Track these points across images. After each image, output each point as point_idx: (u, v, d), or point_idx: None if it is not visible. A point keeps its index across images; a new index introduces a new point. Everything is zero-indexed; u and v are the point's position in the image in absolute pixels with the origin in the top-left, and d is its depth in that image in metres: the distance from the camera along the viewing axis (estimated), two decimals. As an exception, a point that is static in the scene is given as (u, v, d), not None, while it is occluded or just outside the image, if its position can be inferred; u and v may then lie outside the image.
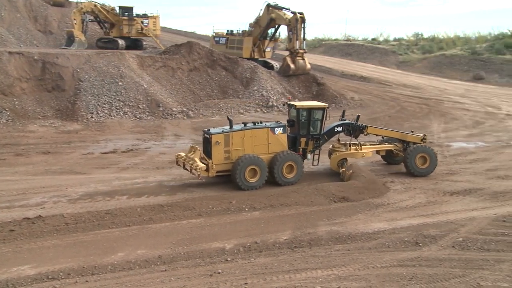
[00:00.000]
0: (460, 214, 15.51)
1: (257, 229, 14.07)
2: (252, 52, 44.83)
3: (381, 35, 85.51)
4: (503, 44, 65.22)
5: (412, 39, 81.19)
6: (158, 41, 51.14)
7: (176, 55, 38.26)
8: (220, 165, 17.96)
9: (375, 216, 15.23)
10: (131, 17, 48.70)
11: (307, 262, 11.87)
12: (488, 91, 48.83)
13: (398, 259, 12.12)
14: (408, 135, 21.03)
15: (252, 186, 17.77)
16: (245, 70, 39.33)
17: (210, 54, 39.39)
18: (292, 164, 18.42)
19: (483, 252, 12.59)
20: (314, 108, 19.64)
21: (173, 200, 16.32)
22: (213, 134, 17.87)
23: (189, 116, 32.59)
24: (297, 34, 40.35)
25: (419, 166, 19.88)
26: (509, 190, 18.11)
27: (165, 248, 12.71)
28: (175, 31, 79.96)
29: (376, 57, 72.77)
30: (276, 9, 42.24)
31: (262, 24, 43.76)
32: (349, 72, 55.31)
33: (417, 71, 63.64)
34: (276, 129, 18.61)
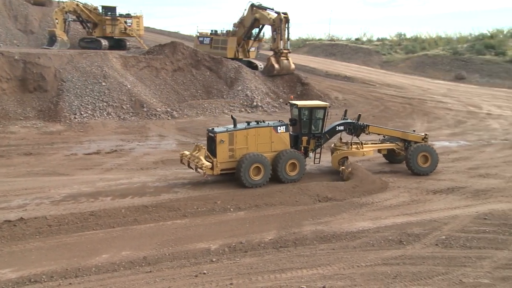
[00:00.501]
0: (443, 212, 15.69)
1: (242, 229, 14.06)
2: (236, 52, 44.79)
3: (365, 35, 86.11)
4: (483, 44, 66.21)
5: (395, 39, 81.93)
6: (142, 41, 50.82)
7: (160, 55, 38.05)
8: (225, 163, 18.18)
9: (360, 215, 15.33)
10: (114, 17, 48.30)
11: (293, 262, 11.90)
12: (469, 91, 49.48)
13: (383, 257, 12.21)
14: (410, 134, 21.32)
15: (257, 184, 17.99)
16: (230, 70, 39.28)
17: (194, 54, 39.26)
18: (295, 162, 18.71)
19: (465, 250, 12.75)
20: (315, 107, 19.95)
21: (157, 201, 16.22)
22: (217, 133, 18.09)
23: (174, 117, 32.44)
24: (281, 34, 40.41)
25: (421, 165, 20.15)
26: (490, 188, 18.38)
27: (150, 249, 12.64)
28: (159, 31, 79.54)
29: (359, 57, 73.26)
30: (260, 9, 42.25)
31: (246, 24, 43.75)
32: (333, 72, 55.59)
33: (401, 71, 64.24)
34: (279, 127, 18.89)
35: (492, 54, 63.87)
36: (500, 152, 24.32)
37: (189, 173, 19.88)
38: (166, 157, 22.53)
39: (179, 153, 20.00)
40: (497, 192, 17.94)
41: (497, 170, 21.09)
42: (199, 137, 27.05)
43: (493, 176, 20.17)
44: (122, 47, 49.09)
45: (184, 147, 24.64)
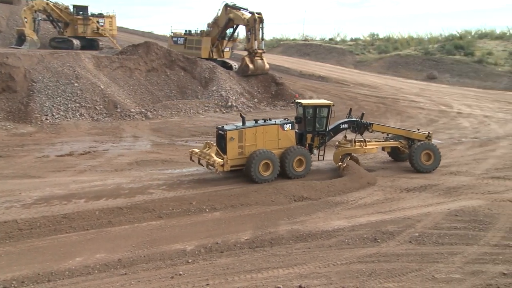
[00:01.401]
0: (416, 210, 15.96)
1: (218, 230, 14.03)
2: (210, 52, 44.66)
3: (338, 35, 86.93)
4: (453, 45, 67.65)
5: (368, 39, 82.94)
6: (115, 41, 50.24)
7: (134, 56, 37.66)
8: (234, 160, 18.69)
9: (335, 214, 15.46)
10: (86, 17, 47.63)
11: (269, 261, 11.93)
12: (440, 90, 50.46)
13: (358, 255, 12.34)
14: (413, 133, 21.80)
15: (266, 180, 18.51)
16: (204, 70, 39.13)
17: (168, 55, 38.97)
18: (301, 159, 19.35)
19: (437, 246, 13.00)
20: (319, 106, 20.51)
21: (132, 203, 16.05)
22: (228, 131, 18.61)
23: (148, 117, 32.15)
24: (255, 34, 40.46)
25: (424, 162, 20.61)
26: (461, 185, 18.79)
27: (125, 251, 12.50)
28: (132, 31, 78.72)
29: (333, 57, 73.90)
30: (234, 9, 42.22)
31: (220, 24, 43.67)
32: (307, 71, 55.95)
33: (374, 71, 65.07)
34: (285, 125, 19.56)
35: (462, 54, 65.30)
36: (470, 150, 24.86)
37: (164, 174, 19.79)
38: (141, 158, 22.31)
39: (188, 151, 20.30)
40: (467, 189, 18.36)
41: (467, 167, 21.57)
42: (174, 138, 26.94)
43: (464, 173, 20.61)
44: (95, 47, 48.46)
45: (159, 148, 24.51)
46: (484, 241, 13.31)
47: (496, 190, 18.26)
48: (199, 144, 25.42)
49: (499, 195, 17.64)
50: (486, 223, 14.67)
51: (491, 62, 61.77)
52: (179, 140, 26.48)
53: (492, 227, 14.38)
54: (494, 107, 40.52)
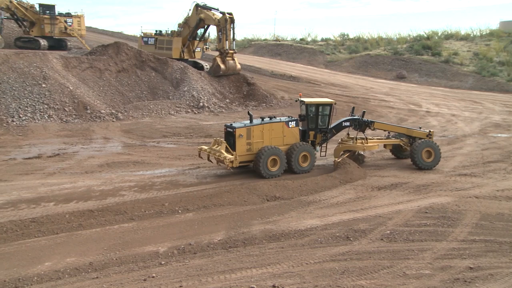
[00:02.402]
0: (387, 207, 16.22)
1: (191, 231, 13.96)
2: (181, 53, 44.47)
3: (309, 36, 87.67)
4: (421, 45, 69.09)
5: (339, 40, 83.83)
6: (84, 42, 49.46)
7: (103, 56, 37.12)
8: (243, 156, 19.41)
9: (307, 213, 15.57)
10: (53, 16, 46.71)
11: (242, 262, 11.94)
12: (409, 90, 51.44)
13: (330, 254, 12.46)
14: (414, 131, 22.50)
15: (274, 175, 19.32)
16: (175, 71, 38.88)
17: (139, 55, 38.55)
18: (306, 154, 20.21)
19: (408, 243, 13.24)
20: (322, 104, 21.19)
21: (103, 205, 15.82)
22: (236, 128, 19.31)
23: (119, 118, 31.74)
24: (226, 35, 40.44)
25: (425, 159, 21.25)
26: (430, 183, 19.21)
27: (96, 254, 12.32)
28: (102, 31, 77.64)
29: (304, 57, 74.44)
30: (205, 10, 42.12)
31: (191, 25, 43.50)
32: (278, 71, 56.20)
33: (344, 71, 65.83)
34: (290, 123, 20.33)
35: (429, 54, 66.73)
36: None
37: (135, 175, 19.57)
38: (112, 160, 22.01)
39: (197, 147, 20.92)
40: (436, 186, 18.77)
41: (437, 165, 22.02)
42: (145, 139, 26.67)
43: (433, 171, 21.08)
44: (63, 48, 47.59)
45: (130, 150, 24.22)
46: (452, 237, 13.64)
47: (463, 187, 18.74)
48: (171, 145, 25.30)
49: (466, 191, 18.11)
50: (454, 219, 15.05)
51: (457, 62, 63.33)
52: (150, 141, 26.23)
53: (459, 223, 14.76)
54: (461, 106, 41.56)
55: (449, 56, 64.54)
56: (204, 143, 25.88)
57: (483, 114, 37.90)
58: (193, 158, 22.51)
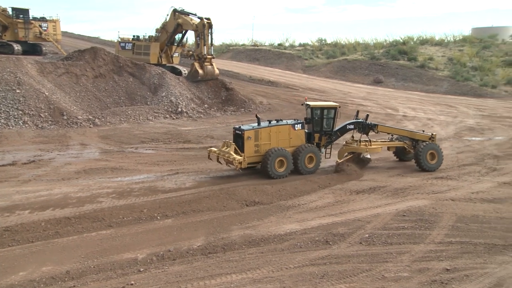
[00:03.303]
0: (366, 211, 16.35)
1: (170, 237, 13.86)
2: (159, 58, 44.28)
3: (287, 41, 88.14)
4: (397, 50, 70.15)
5: (316, 45, 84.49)
6: (60, 46, 48.84)
7: (80, 61, 36.70)
8: (251, 158, 20.06)
9: (287, 218, 15.60)
10: (27, 20, 46.02)
11: (222, 267, 11.90)
12: (386, 94, 52.09)
13: (310, 258, 12.51)
14: (417, 134, 23.13)
15: (281, 175, 19.99)
16: (153, 76, 38.65)
17: (116, 60, 38.23)
18: (312, 156, 20.88)
19: (386, 246, 13.38)
20: (326, 108, 21.90)
21: (81, 212, 15.59)
22: (245, 131, 19.99)
23: (96, 124, 31.38)
24: (204, 40, 40.42)
25: (430, 162, 21.85)
26: (408, 186, 19.46)
27: (73, 262, 12.12)
28: (78, 36, 76.85)
29: (282, 62, 74.79)
30: (183, 15, 42.06)
31: (169, 30, 43.37)
32: (257, 76, 56.37)
33: (322, 75, 66.33)
34: (296, 125, 21.07)
35: (405, 59, 67.76)
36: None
37: (113, 182, 19.36)
38: (89, 166, 21.72)
39: (207, 149, 21.52)
40: (413, 189, 19.02)
41: (413, 169, 22.36)
42: (123, 145, 26.41)
43: (410, 174, 21.37)
44: (38, 53, 46.90)
45: (108, 156, 23.96)
46: (430, 239, 13.83)
47: (439, 189, 19.04)
48: (149, 151, 25.11)
49: (443, 194, 18.40)
50: (431, 222, 15.27)
51: (432, 67, 64.43)
52: (128, 147, 25.98)
53: (436, 225, 14.98)
54: (436, 110, 42.26)
55: (425, 61, 65.63)
56: (183, 149, 25.81)
57: (458, 118, 38.61)
58: (171, 164, 22.39)
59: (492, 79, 59.11)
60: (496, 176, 21.22)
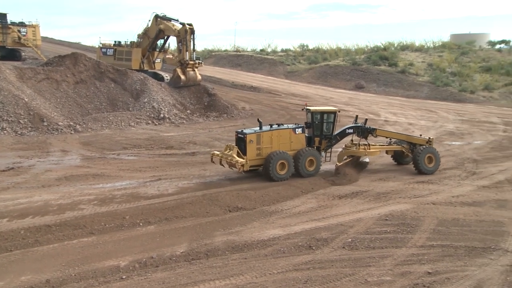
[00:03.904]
0: (349, 216, 16.42)
1: (152, 244, 13.75)
2: (141, 64, 44.05)
3: (269, 46, 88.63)
4: (378, 56, 70.96)
5: (299, 50, 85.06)
6: (39, 52, 48.30)
7: (60, 67, 36.28)
8: (253, 161, 20.54)
9: (270, 223, 15.59)
10: (5, 25, 45.44)
11: (205, 274, 11.84)
12: (368, 99, 52.58)
13: (293, 263, 12.51)
14: (415, 138, 23.88)
15: (282, 178, 20.37)
16: (135, 82, 38.40)
17: (98, 66, 37.90)
18: (312, 159, 21.29)
19: (369, 250, 13.46)
20: (326, 112, 22.50)
21: (61, 219, 15.36)
22: (247, 134, 20.50)
23: (77, 131, 31.03)
24: (186, 45, 40.34)
25: (427, 165, 22.32)
26: (390, 190, 19.62)
27: (54, 271, 11.93)
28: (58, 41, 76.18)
29: (265, 68, 75.06)
30: (165, 20, 41.94)
31: (150, 35, 43.21)
32: (239, 82, 56.47)
33: (304, 81, 66.71)
34: (297, 129, 21.49)
35: (386, 65, 68.57)
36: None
37: (95, 188, 19.15)
38: (70, 173, 21.45)
39: (210, 153, 22.09)
40: (395, 194, 19.19)
41: (395, 173, 22.60)
42: (105, 151, 26.16)
43: (392, 179, 21.56)
44: (17, 58, 46.32)
45: (89, 162, 23.70)
46: (411, 243, 13.96)
47: (421, 194, 19.24)
48: (131, 157, 24.92)
49: (424, 198, 18.61)
50: (413, 225, 15.41)
51: (412, 72, 65.30)
52: (110, 154, 25.73)
53: (418, 229, 15.12)
54: (417, 115, 42.78)
55: (405, 66, 66.48)
56: (165, 155, 25.66)
57: (438, 122, 39.13)
58: (154, 170, 22.24)
59: (470, 84, 60.11)
60: (476, 180, 21.54)
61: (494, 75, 63.36)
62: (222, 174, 21.52)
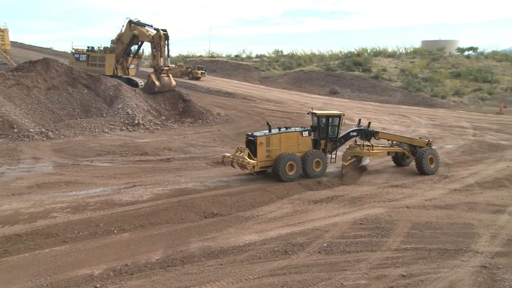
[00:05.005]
0: (324, 220, 16.52)
1: (127, 251, 13.56)
2: (115, 70, 43.64)
3: (244, 52, 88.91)
4: (352, 61, 71.88)
5: (273, 56, 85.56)
6: (8, 57, 47.41)
7: (31, 73, 35.60)
8: (263, 162, 21.47)
9: (246, 229, 15.57)
10: (-28, 30, 44.50)
11: (181, 281, 11.74)
12: (343, 104, 53.12)
13: (269, 269, 12.51)
14: (415, 140, 25.15)
15: (291, 178, 21.23)
16: (109, 88, 37.96)
17: (70, 72, 37.32)
18: (319, 160, 22.21)
19: (345, 254, 13.56)
20: (331, 116, 23.53)
21: (33, 228, 15.02)
22: (258, 137, 21.43)
23: (49, 137, 30.45)
24: (161, 51, 40.13)
25: (429, 165, 23.52)
26: (364, 195, 19.83)
27: (24, 281, 11.64)
28: (29, 46, 74.88)
29: (240, 73, 75.20)
30: (139, 26, 41.67)
31: (124, 41, 42.86)
32: (214, 88, 56.41)
33: (279, 86, 67.06)
34: (303, 132, 22.47)
35: (360, 70, 69.50)
36: (371, 160, 26.25)
37: (68, 196, 18.79)
38: (42, 181, 21.02)
39: (220, 155, 22.83)
40: (370, 198, 19.41)
41: (369, 177, 22.87)
42: (78, 158, 25.74)
43: (366, 183, 21.81)
44: (-15, 64, 45.33)
45: (62, 169, 23.27)
46: (386, 247, 14.13)
47: (395, 197, 19.51)
48: (105, 164, 24.58)
49: (398, 202, 18.87)
50: (387, 229, 15.61)
51: (386, 78, 66.36)
52: (84, 160, 25.33)
53: (392, 232, 15.32)
54: (391, 120, 43.44)
55: (378, 72, 67.53)
56: (140, 161, 25.40)
57: (411, 127, 39.80)
58: (128, 177, 21.98)
59: (441, 90, 61.41)
60: (448, 184, 21.98)
61: (464, 81, 64.96)
62: (197, 180, 21.41)
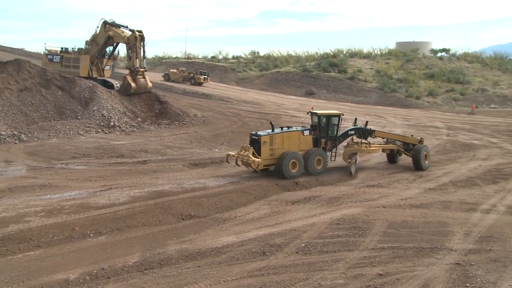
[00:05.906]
0: (302, 221, 16.59)
1: (103, 255, 13.39)
2: (90, 71, 43.01)
3: (220, 53, 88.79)
4: (328, 63, 72.47)
5: (249, 57, 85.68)
6: (-20, 59, 46.21)
7: (2, 74, 34.81)
8: (266, 160, 22.28)
9: (224, 231, 15.54)
10: None
11: (158, 284, 11.64)
12: (319, 105, 53.49)
13: (248, 270, 12.51)
14: (408, 138, 26.55)
15: (294, 176, 22.06)
16: (83, 89, 37.42)
17: (43, 73, 36.66)
18: (320, 158, 23.26)
19: (322, 255, 13.64)
20: (331, 115, 24.46)
21: (5, 233, 14.66)
22: (262, 136, 22.32)
23: (22, 140, 29.85)
24: (136, 52, 39.75)
25: (425, 162, 24.96)
26: (341, 195, 20.00)
27: (-3, 287, 11.40)
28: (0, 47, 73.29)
29: (216, 74, 75.04)
30: (114, 27, 41.18)
31: (99, 42, 42.29)
32: (191, 89, 56.16)
33: (256, 87, 67.17)
34: (305, 131, 23.44)
35: (336, 71, 70.10)
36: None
37: (42, 199, 18.44)
38: (15, 184, 20.56)
39: (224, 154, 23.50)
40: (347, 198, 19.58)
41: (346, 177, 23.07)
42: (53, 161, 25.29)
43: (343, 184, 22.01)
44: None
45: (36, 173, 22.82)
46: (363, 246, 14.27)
47: (371, 197, 19.73)
48: (81, 167, 24.22)
49: (374, 202, 19.09)
50: (364, 229, 15.77)
51: (361, 79, 67.10)
52: (58, 163, 24.90)
53: (369, 232, 15.49)
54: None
55: (354, 73, 68.26)
56: (116, 164, 25.10)
57: (386, 127, 40.29)
58: (104, 179, 21.71)
59: (416, 90, 62.40)
60: (423, 183, 22.34)
61: (437, 82, 66.13)
62: (174, 182, 21.27)
